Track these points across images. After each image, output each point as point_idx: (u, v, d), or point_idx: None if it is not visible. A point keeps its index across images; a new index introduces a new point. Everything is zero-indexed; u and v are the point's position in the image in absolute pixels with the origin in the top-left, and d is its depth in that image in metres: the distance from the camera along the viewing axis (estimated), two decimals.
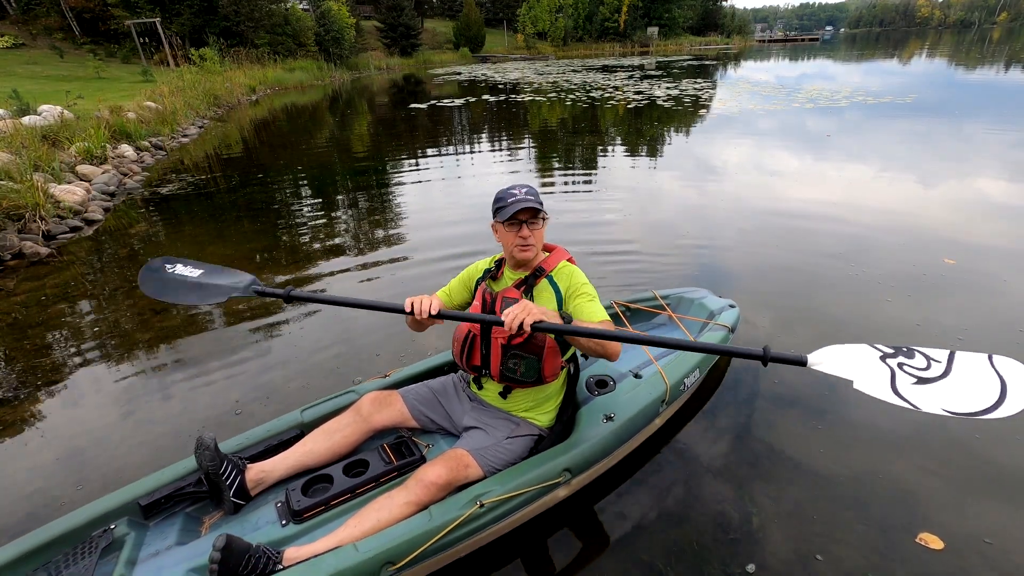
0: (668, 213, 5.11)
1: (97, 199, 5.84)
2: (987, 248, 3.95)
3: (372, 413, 1.85)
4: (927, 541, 1.71)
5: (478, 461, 1.68)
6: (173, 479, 1.68)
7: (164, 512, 1.65)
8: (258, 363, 2.87)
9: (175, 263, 1.86)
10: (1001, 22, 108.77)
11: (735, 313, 2.63)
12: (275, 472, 1.72)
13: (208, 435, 1.62)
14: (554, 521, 1.84)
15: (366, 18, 37.07)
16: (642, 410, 1.96)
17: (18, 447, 2.34)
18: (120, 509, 1.60)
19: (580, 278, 1.72)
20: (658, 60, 31.69)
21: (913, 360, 1.34)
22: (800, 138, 8.37)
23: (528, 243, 1.67)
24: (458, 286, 1.90)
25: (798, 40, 70.40)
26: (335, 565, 1.37)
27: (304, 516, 1.61)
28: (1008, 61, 21.68)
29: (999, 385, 1.24)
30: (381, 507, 1.53)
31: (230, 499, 1.64)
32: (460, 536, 1.54)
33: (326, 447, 1.77)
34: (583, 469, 1.79)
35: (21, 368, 2.93)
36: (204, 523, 1.66)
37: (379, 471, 1.73)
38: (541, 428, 1.84)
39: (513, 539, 1.76)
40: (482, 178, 6.82)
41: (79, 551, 1.48)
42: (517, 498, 1.63)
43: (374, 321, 3.22)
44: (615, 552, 1.75)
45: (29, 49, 18.51)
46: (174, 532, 1.59)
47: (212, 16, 21.67)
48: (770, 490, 1.95)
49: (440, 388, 1.98)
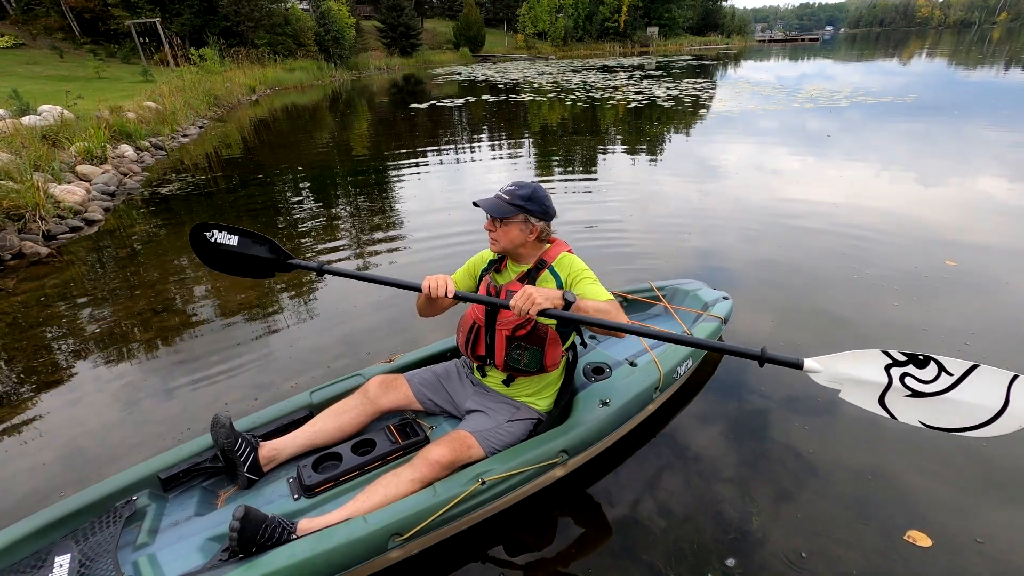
0: (668, 213, 5.11)
1: (97, 199, 5.84)
2: (988, 249, 3.95)
3: (378, 395, 1.93)
4: (915, 539, 1.72)
5: (480, 442, 1.77)
6: (191, 455, 1.77)
7: (182, 485, 1.75)
8: (259, 362, 2.87)
9: (212, 230, 1.95)
10: (1001, 22, 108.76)
11: (728, 305, 2.72)
12: (286, 450, 1.82)
13: (223, 414, 1.72)
14: (552, 499, 1.94)
15: (366, 18, 37.08)
16: (636, 396, 2.06)
17: (18, 447, 2.34)
18: (141, 482, 1.69)
19: (579, 265, 1.79)
20: (658, 60, 31.68)
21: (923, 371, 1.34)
22: (800, 138, 8.37)
23: (492, 237, 1.76)
24: (463, 275, 1.98)
25: (798, 40, 70.37)
26: (346, 535, 1.46)
27: (315, 491, 1.70)
28: (1008, 61, 21.67)
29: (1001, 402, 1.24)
30: (388, 483, 1.62)
31: (244, 474, 1.73)
32: (463, 511, 1.64)
33: (335, 427, 1.86)
34: (579, 451, 1.89)
35: (21, 368, 2.93)
36: (220, 497, 1.75)
37: (385, 450, 1.83)
38: (540, 412, 1.93)
39: (513, 515, 1.86)
40: (482, 178, 6.82)
41: (105, 520, 1.58)
42: (516, 477, 1.73)
43: (376, 316, 3.27)
44: (608, 529, 1.85)
45: (29, 49, 18.51)
46: (192, 504, 1.69)
47: (212, 16, 21.67)
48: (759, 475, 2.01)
49: (444, 373, 2.07)
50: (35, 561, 1.46)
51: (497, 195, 1.73)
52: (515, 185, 1.74)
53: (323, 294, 3.69)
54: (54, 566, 1.42)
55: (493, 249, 1.81)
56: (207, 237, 1.93)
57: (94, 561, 1.44)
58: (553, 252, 1.83)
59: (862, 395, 1.39)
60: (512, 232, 1.73)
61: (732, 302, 2.78)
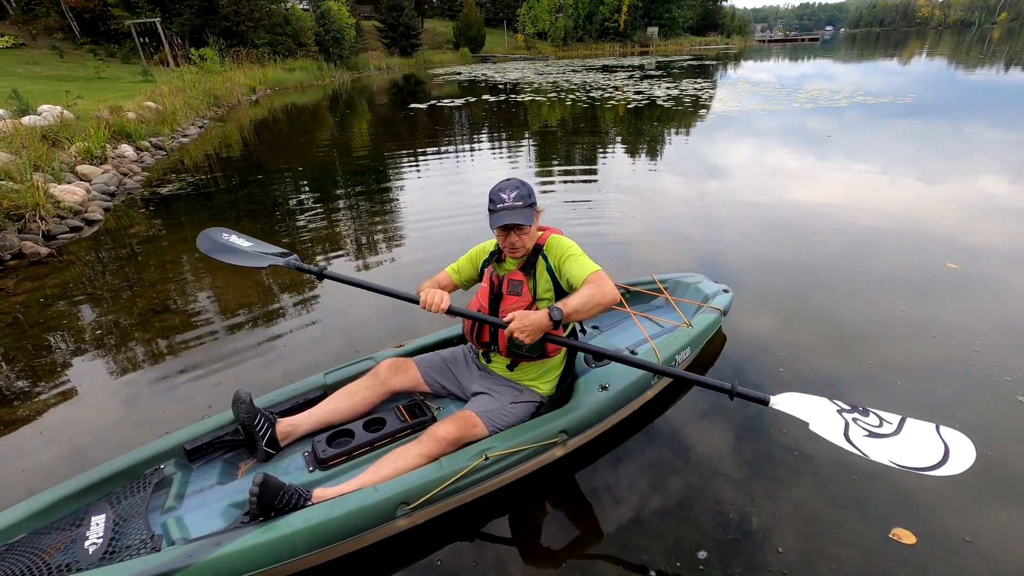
0: (669, 213, 5.11)
1: (97, 199, 5.84)
2: (989, 252, 3.94)
3: (389, 377, 2.04)
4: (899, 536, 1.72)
5: (484, 421, 1.87)
6: (214, 428, 1.91)
7: (206, 456, 1.89)
8: (259, 361, 2.87)
9: (230, 233, 2.15)
10: (1001, 22, 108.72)
11: (728, 297, 2.79)
12: (302, 426, 1.93)
13: (244, 390, 1.84)
14: (552, 477, 2.03)
15: (366, 18, 37.07)
16: (635, 382, 2.15)
17: (18, 447, 2.33)
18: (168, 452, 1.83)
19: (564, 243, 1.87)
20: (658, 60, 31.67)
21: (867, 418, 1.50)
22: (801, 138, 8.37)
23: (516, 247, 1.82)
24: (466, 264, 2.07)
25: (798, 40, 70.33)
26: (358, 502, 1.57)
27: (329, 464, 1.83)
28: (1008, 61, 21.67)
29: (943, 450, 1.38)
30: (397, 457, 1.72)
31: (263, 448, 1.84)
32: (467, 484, 1.75)
33: (347, 406, 1.98)
34: (578, 431, 2.00)
35: (21, 368, 2.93)
36: (240, 468, 1.88)
37: (395, 428, 1.95)
38: (542, 396, 2.02)
39: (514, 491, 1.95)
40: (482, 177, 6.82)
41: (135, 485, 1.71)
42: (518, 454, 1.83)
43: (382, 309, 3.28)
44: (605, 508, 1.92)
45: (29, 49, 18.51)
46: (215, 474, 1.83)
47: (212, 16, 21.66)
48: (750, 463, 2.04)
49: (451, 357, 2.16)
50: (74, 520, 1.60)
51: (511, 206, 1.75)
52: (514, 188, 1.77)
53: (328, 289, 3.69)
54: (91, 524, 1.55)
55: (516, 256, 1.85)
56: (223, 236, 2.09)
57: (127, 521, 1.57)
58: (544, 237, 1.92)
59: (829, 430, 1.47)
60: (533, 232, 1.84)
61: (732, 295, 2.84)
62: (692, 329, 2.48)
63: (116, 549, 1.48)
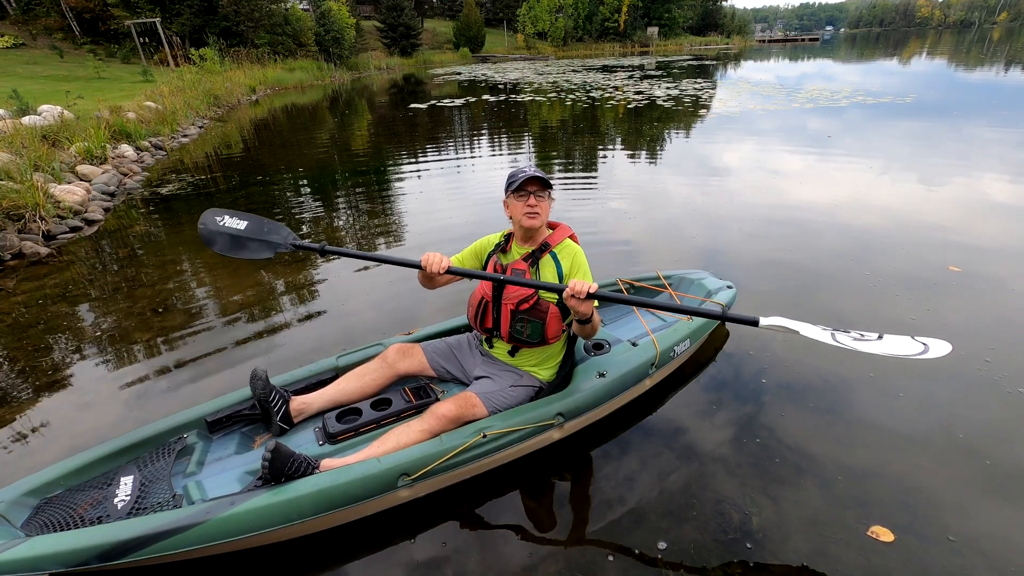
0: (670, 213, 5.11)
1: (97, 199, 5.84)
2: (990, 253, 3.93)
3: (396, 361, 2.15)
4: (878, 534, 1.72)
5: (484, 402, 1.95)
6: (233, 403, 2.05)
7: (225, 429, 2.03)
8: (259, 361, 2.86)
9: (223, 215, 2.14)
10: (1001, 22, 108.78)
11: (732, 293, 2.82)
12: (314, 404, 2.04)
13: (261, 368, 1.95)
14: (549, 460, 2.10)
15: (366, 18, 37.10)
16: (633, 370, 2.22)
17: (18, 447, 2.33)
18: (191, 423, 1.98)
19: (581, 259, 1.95)
20: (658, 60, 31.68)
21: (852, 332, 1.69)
22: (801, 138, 8.37)
23: (535, 211, 1.87)
24: (470, 255, 2.14)
25: (798, 40, 70.36)
26: (362, 471, 1.69)
27: (338, 439, 1.94)
28: (1008, 61, 21.67)
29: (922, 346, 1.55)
30: (400, 433, 1.83)
31: (277, 423, 1.96)
32: (465, 459, 1.84)
33: (357, 387, 2.09)
34: (575, 415, 2.07)
35: (21, 368, 2.93)
36: (256, 441, 2.02)
37: (400, 407, 2.05)
38: (542, 381, 2.10)
39: (511, 470, 2.03)
40: (482, 177, 6.82)
41: (159, 452, 1.87)
42: (515, 433, 1.92)
43: (384, 305, 3.25)
44: (600, 494, 1.98)
45: (29, 49, 18.51)
46: (233, 445, 1.97)
47: (212, 16, 21.66)
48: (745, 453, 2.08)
49: (456, 344, 2.26)
50: (105, 480, 1.76)
51: (532, 172, 1.85)
52: (530, 165, 1.90)
53: (330, 285, 3.69)
54: (120, 484, 1.71)
55: (533, 224, 1.89)
56: (217, 221, 2.09)
57: (152, 483, 1.73)
58: (557, 236, 1.97)
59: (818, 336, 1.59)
60: (547, 206, 1.91)
61: (735, 291, 2.86)
62: (692, 322, 2.51)
63: (142, 506, 1.65)
